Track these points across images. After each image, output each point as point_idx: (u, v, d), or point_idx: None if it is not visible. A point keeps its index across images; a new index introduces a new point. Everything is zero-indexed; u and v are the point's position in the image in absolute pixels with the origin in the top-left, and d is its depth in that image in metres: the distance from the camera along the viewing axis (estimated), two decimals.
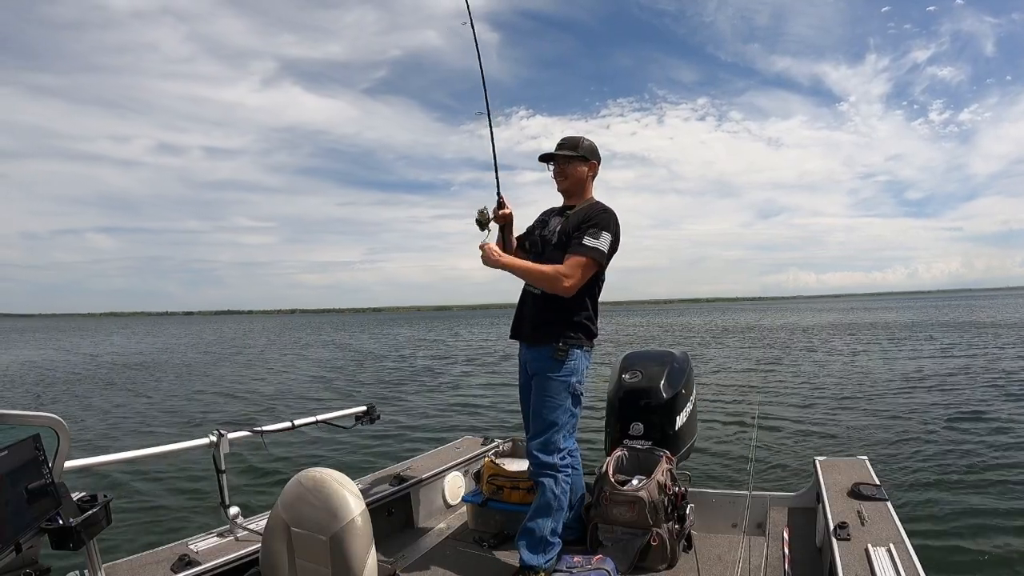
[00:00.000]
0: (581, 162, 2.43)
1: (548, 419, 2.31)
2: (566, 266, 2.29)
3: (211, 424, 6.83)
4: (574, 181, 2.44)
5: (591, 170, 2.45)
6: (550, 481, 2.29)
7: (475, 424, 8.36)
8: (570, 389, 2.32)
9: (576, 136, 2.46)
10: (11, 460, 1.33)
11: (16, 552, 1.36)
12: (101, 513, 1.57)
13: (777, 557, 2.31)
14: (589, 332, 2.39)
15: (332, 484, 1.57)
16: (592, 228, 2.29)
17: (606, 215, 2.35)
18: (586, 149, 2.44)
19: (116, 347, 29.02)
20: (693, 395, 2.92)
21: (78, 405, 10.83)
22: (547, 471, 2.30)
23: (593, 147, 2.46)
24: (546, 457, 2.30)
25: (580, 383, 2.35)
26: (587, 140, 2.46)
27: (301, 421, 2.58)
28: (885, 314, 48.41)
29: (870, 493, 2.27)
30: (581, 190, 2.46)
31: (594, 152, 2.46)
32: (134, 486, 5.43)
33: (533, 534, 2.28)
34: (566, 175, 2.44)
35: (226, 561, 1.97)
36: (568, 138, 2.46)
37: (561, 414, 2.31)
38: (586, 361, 2.39)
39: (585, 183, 2.46)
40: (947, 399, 9.14)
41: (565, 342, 2.31)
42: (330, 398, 11.34)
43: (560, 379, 2.31)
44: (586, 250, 2.27)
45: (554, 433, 2.31)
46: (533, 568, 2.25)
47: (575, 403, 2.35)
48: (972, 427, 7.16)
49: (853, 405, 8.96)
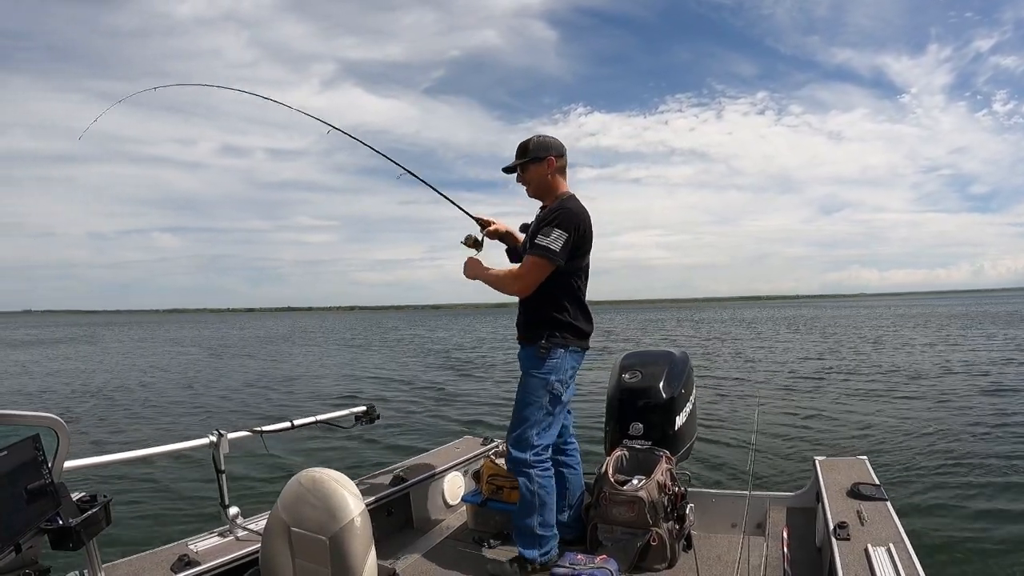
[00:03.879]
0: (535, 163, 2.39)
1: (522, 415, 2.35)
2: (519, 267, 2.35)
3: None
4: (537, 184, 2.42)
5: (550, 167, 2.38)
6: (523, 480, 2.34)
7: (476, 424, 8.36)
8: (548, 387, 2.33)
9: (526, 139, 2.43)
10: (11, 460, 1.33)
11: (16, 552, 1.36)
12: (101, 513, 1.57)
13: (777, 557, 2.31)
14: (576, 331, 2.38)
15: (332, 484, 1.57)
16: (545, 227, 2.28)
17: (560, 212, 2.30)
18: (536, 147, 2.39)
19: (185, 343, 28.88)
20: (693, 395, 2.92)
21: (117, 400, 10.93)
22: (519, 467, 2.34)
23: (543, 143, 2.40)
24: (518, 453, 2.34)
25: (561, 383, 2.35)
26: (536, 137, 2.42)
27: (301, 421, 2.58)
28: (895, 310, 48.79)
29: (870, 493, 2.27)
30: (547, 189, 2.42)
31: (545, 147, 2.39)
32: (134, 486, 5.42)
33: (521, 530, 2.35)
34: (527, 180, 2.43)
35: (226, 561, 1.97)
36: (520, 144, 2.44)
37: (535, 411, 2.33)
38: (572, 361, 2.38)
39: (549, 181, 2.40)
40: (947, 399, 9.14)
41: (548, 340, 2.32)
42: (332, 398, 11.34)
43: (539, 376, 2.33)
44: (536, 249, 2.28)
45: (527, 429, 2.34)
46: (528, 560, 2.30)
47: (552, 402, 2.35)
48: (972, 427, 7.17)
49: (854, 405, 8.97)
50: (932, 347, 17.86)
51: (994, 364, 13.15)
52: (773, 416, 8.20)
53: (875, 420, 7.83)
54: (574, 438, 2.66)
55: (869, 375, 12.23)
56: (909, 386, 10.50)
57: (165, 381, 14.33)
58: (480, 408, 9.75)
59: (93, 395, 11.93)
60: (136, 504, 4.99)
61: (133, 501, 5.04)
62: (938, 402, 8.94)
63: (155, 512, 4.85)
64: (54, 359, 21.46)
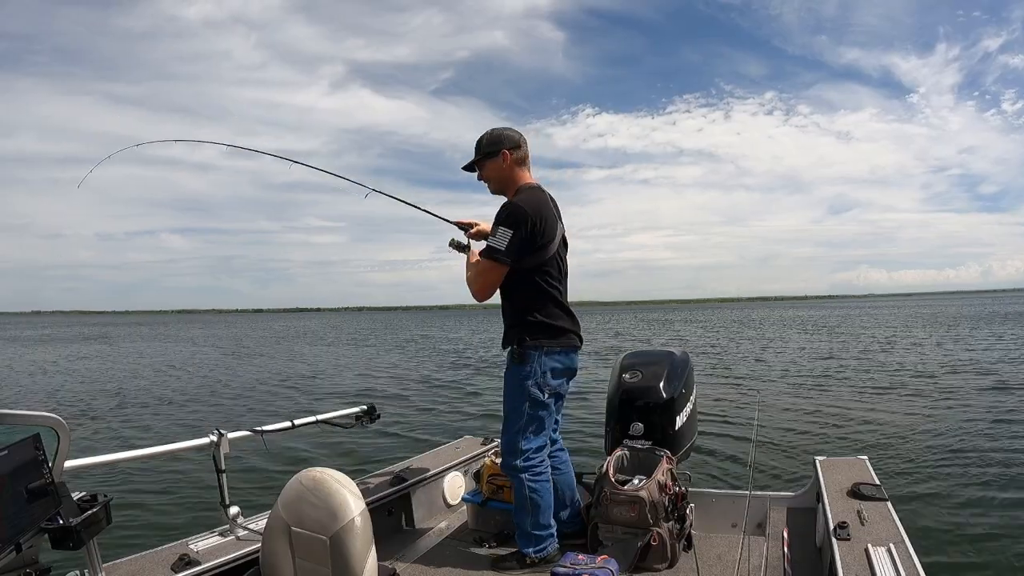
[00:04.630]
0: (489, 159, 2.35)
1: (507, 420, 2.37)
2: (472, 271, 2.35)
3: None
4: (496, 180, 2.39)
5: (505, 160, 2.33)
6: (516, 483, 2.36)
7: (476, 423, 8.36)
8: (526, 392, 2.29)
9: (480, 136, 2.40)
10: (11, 460, 1.33)
11: (16, 552, 1.36)
12: (101, 513, 1.58)
13: (777, 557, 2.31)
14: (550, 331, 2.32)
15: (332, 484, 1.57)
16: (494, 227, 2.26)
17: (506, 209, 2.26)
18: (488, 143, 2.35)
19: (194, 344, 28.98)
20: (693, 395, 2.92)
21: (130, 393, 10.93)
22: (511, 472, 2.36)
23: (495, 136, 2.35)
24: (508, 458, 2.37)
25: (539, 386, 2.29)
26: (489, 132, 2.37)
27: (301, 421, 2.58)
28: (903, 311, 48.83)
29: (870, 493, 2.27)
30: (507, 183, 2.37)
31: (497, 140, 2.34)
32: (134, 486, 5.42)
33: (519, 529, 2.39)
34: (486, 178, 2.41)
35: (226, 561, 1.97)
36: (476, 143, 2.41)
37: (517, 417, 2.32)
38: (550, 362, 2.31)
39: (507, 175, 2.36)
40: (949, 398, 9.13)
41: (521, 344, 2.30)
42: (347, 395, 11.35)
43: (516, 381, 2.31)
44: (484, 251, 2.27)
45: (513, 435, 2.33)
46: (524, 554, 2.34)
47: (533, 406, 2.31)
48: (973, 427, 7.16)
49: (854, 404, 8.96)
50: (939, 346, 17.83)
51: (998, 363, 13.12)
52: (774, 416, 8.20)
53: (876, 420, 7.82)
54: (560, 439, 2.61)
55: (871, 375, 12.22)
56: (910, 386, 10.49)
57: (172, 380, 14.35)
58: (481, 407, 9.76)
59: (98, 395, 11.93)
60: (136, 504, 4.99)
61: (133, 501, 5.04)
62: (939, 401, 8.93)
63: (155, 512, 4.85)
64: (65, 359, 21.53)
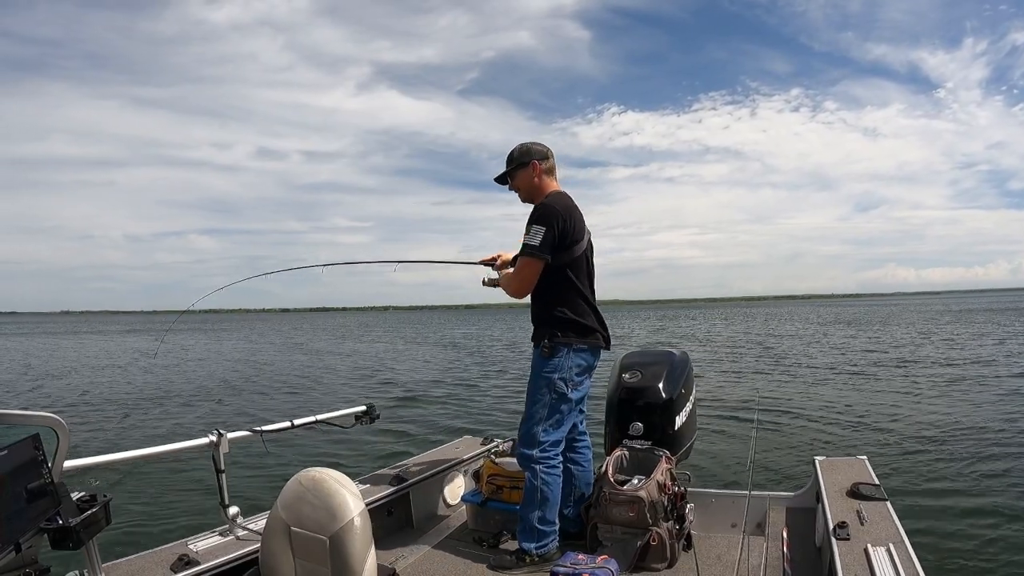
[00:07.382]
0: (520, 169, 2.51)
1: (529, 412, 2.44)
2: (513, 270, 2.49)
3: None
4: (526, 189, 2.53)
5: (534, 170, 2.49)
6: (529, 474, 2.41)
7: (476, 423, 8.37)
8: (552, 386, 2.40)
9: (511, 150, 2.55)
10: (11, 460, 1.34)
11: (16, 552, 1.36)
12: (101, 513, 1.58)
13: (777, 557, 2.31)
14: (579, 329, 2.43)
15: (332, 484, 1.58)
16: (528, 226, 2.40)
17: (539, 210, 2.41)
18: (520, 155, 2.51)
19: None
20: (693, 395, 2.93)
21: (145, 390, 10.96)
22: (526, 462, 2.42)
23: (525, 148, 2.52)
24: (525, 449, 2.43)
25: (565, 381, 2.40)
26: (519, 146, 2.54)
27: (300, 421, 2.58)
28: (932, 306, 48.60)
29: (870, 493, 2.27)
30: (536, 192, 2.52)
31: (527, 153, 2.50)
32: (134, 486, 5.42)
33: (522, 522, 2.40)
34: (517, 187, 2.55)
35: (226, 561, 1.97)
36: (507, 157, 2.56)
37: (540, 408, 2.41)
38: (577, 359, 2.42)
39: (536, 185, 2.51)
40: (948, 398, 9.14)
41: (551, 340, 2.40)
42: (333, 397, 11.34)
43: (543, 375, 2.41)
44: (523, 250, 2.40)
45: (533, 426, 2.41)
46: (525, 552, 2.35)
47: (559, 400, 2.41)
48: (973, 426, 7.16)
49: (854, 404, 8.96)
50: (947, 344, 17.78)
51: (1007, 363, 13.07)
52: (773, 416, 8.20)
53: (876, 420, 7.82)
54: (586, 436, 2.68)
55: (872, 375, 12.22)
56: (910, 385, 10.50)
57: (180, 380, 14.34)
58: (481, 408, 9.76)
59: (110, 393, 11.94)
60: (136, 504, 4.99)
61: (133, 501, 5.04)
62: (939, 401, 8.93)
63: (155, 512, 4.85)
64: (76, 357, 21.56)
